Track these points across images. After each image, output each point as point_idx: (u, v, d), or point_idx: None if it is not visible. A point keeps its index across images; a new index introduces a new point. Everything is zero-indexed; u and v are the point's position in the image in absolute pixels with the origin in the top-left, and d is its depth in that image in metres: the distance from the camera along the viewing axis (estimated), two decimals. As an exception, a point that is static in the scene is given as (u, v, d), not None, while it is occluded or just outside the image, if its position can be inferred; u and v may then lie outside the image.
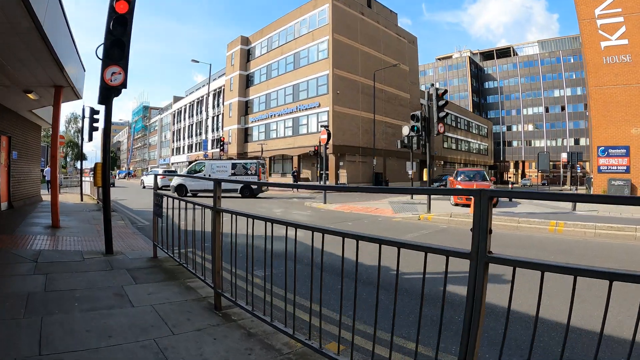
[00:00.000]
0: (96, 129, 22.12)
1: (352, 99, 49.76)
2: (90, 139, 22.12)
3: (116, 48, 8.04)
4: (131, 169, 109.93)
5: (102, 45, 8.04)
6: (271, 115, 56.08)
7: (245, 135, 61.84)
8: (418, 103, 63.87)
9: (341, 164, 48.03)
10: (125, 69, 8.09)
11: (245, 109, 62.36)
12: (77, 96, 13.79)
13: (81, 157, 26.10)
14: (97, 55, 8.13)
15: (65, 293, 5.70)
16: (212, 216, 5.45)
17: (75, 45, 11.61)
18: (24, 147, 18.71)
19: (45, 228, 11.88)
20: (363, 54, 52.08)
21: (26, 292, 5.63)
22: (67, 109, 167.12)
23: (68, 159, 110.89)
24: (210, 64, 48.29)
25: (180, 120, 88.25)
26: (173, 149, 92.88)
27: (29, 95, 13.10)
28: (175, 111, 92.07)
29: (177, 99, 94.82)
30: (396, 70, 54.50)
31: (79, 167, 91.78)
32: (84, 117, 22.77)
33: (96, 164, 11.80)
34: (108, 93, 8.16)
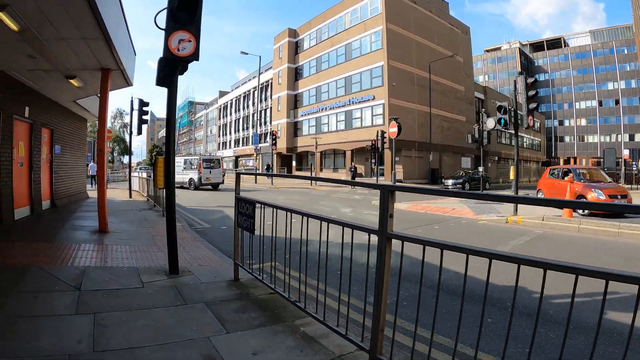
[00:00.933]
0: (145, 121, 20.54)
1: (408, 91, 47.24)
2: (140, 132, 20.55)
3: (185, 10, 6.08)
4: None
5: (166, 9, 6.12)
6: (322, 109, 54.17)
7: (294, 129, 60.12)
8: (473, 96, 60.99)
9: (397, 159, 45.49)
10: (196, 36, 6.13)
11: (295, 102, 60.63)
12: (126, 82, 11.98)
13: (130, 151, 24.55)
14: (156, 24, 6.21)
15: (125, 355, 3.74)
16: (380, 244, 3.57)
17: (125, 20, 9.75)
18: (68, 141, 17.18)
19: (91, 233, 10.25)
20: (417, 45, 49.44)
21: (63, 352, 3.69)
22: (113, 103, 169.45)
23: (115, 154, 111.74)
24: (260, 56, 46.83)
25: (226, 115, 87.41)
26: (219, 144, 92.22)
27: (72, 81, 11.38)
28: (221, 106, 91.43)
29: (222, 93, 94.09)
30: (450, 62, 51.64)
31: (125, 161, 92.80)
32: (132, 109, 21.23)
33: (157, 158, 9.30)
34: (173, 67, 6.28)
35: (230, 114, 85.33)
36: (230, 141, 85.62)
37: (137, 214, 14.57)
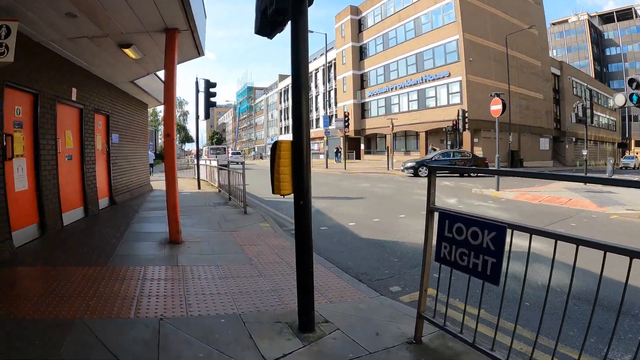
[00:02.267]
0: (213, 104, 18.29)
1: (485, 67, 43.12)
2: (207, 116, 18.31)
3: None
4: (238, 149, 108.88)
5: None
6: (392, 88, 50.73)
7: (362, 110, 57.00)
8: (549, 71, 56.11)
9: (476, 140, 42.03)
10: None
11: (361, 82, 57.42)
12: (197, 49, 9.55)
13: (197, 136, 22.20)
14: None
15: None
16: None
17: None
18: (127, 129, 15.08)
19: (160, 246, 7.94)
20: (491, 17, 44.99)
21: None
22: None
23: (176, 142, 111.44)
24: (326, 34, 43.56)
25: (287, 99, 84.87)
26: (281, 128, 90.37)
27: (127, 51, 9.05)
28: (281, 90, 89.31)
29: (282, 77, 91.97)
30: (525, 35, 46.69)
31: (186, 149, 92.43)
32: (197, 91, 18.95)
33: (280, 143, 4.08)
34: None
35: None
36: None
37: (213, 211, 12.31)
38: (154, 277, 5.93)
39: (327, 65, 66.17)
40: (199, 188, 19.23)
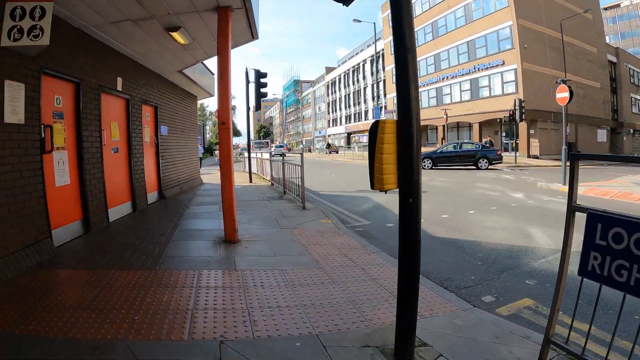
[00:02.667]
0: (264, 95, 17.59)
1: (540, 54, 40.71)
2: (258, 107, 17.60)
3: None
4: (285, 142, 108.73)
5: None
6: (443, 78, 48.87)
7: None
8: (605, 59, 52.98)
9: (532, 132, 40.04)
10: None
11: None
12: (250, 32, 8.77)
13: (247, 128, 21.53)
14: None
15: None
16: None
17: None
18: (176, 120, 14.51)
19: (214, 246, 7.15)
20: (545, 1, 42.56)
21: None
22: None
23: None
24: (374, 22, 42.37)
25: (334, 91, 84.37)
26: (329, 121, 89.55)
27: (175, 35, 8.35)
28: (328, 82, 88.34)
29: (329, 69, 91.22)
30: (580, 20, 43.59)
31: (234, 143, 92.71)
32: (247, 82, 18.29)
33: (381, 123, 2.87)
34: None
35: (339, 89, 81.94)
36: (340, 117, 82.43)
37: (268, 206, 11.53)
38: (210, 285, 5.13)
39: (376, 55, 65.16)
40: (251, 181, 18.58)
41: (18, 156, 5.83)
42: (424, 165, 26.68)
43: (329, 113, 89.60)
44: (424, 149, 38.91)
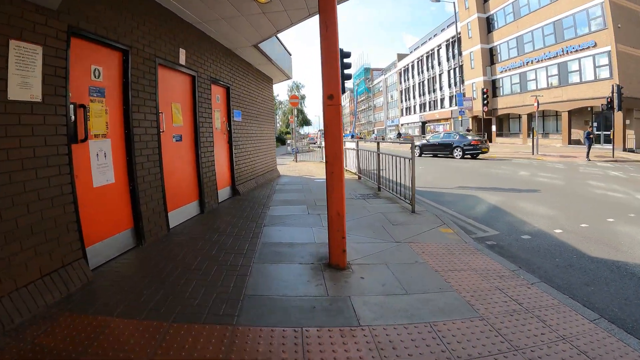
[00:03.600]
0: (348, 76, 15.35)
1: (635, 35, 36.04)
2: (343, 90, 15.41)
3: None
4: (357, 131, 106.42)
5: None
6: (527, 62, 44.43)
7: (492, 88, 50.42)
8: None
9: (627, 122, 35.81)
10: None
11: (490, 57, 51.17)
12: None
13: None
14: None
15: None
16: None
17: None
18: (252, 105, 12.61)
19: (315, 274, 4.89)
20: (639, -26, 37.78)
21: None
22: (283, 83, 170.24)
23: (295, 126, 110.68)
24: (455, 1, 39.24)
25: (407, 79, 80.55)
26: (402, 109, 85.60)
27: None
28: (400, 69, 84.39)
29: (401, 56, 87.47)
30: None
31: (303, 132, 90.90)
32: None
33: None
34: None
35: (413, 76, 77.70)
36: (414, 106, 78.37)
37: (367, 208, 9.15)
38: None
39: (447, 42, 61.59)
40: None
41: (31, 148, 3.94)
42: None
43: (401, 101, 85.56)
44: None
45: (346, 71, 15.42)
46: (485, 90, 34.73)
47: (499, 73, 49.15)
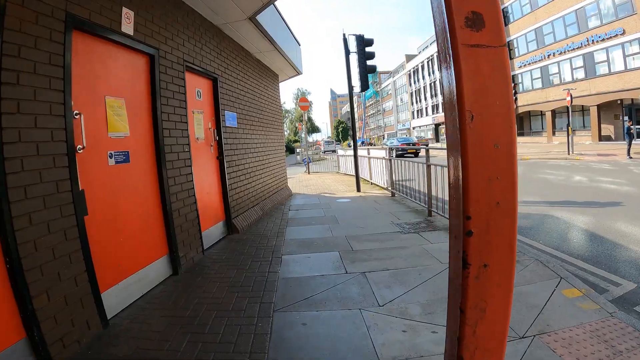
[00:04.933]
0: (372, 69, 12.29)
1: None
2: (366, 86, 12.31)
3: None
4: (366, 137, 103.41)
5: None
6: (548, 55, 41.04)
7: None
8: None
9: (660, 116, 32.58)
10: None
11: (508, 51, 47.38)
12: None
13: (353, 120, 15.35)
14: None
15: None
16: None
17: None
18: (252, 106, 9.56)
19: None
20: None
21: None
22: (292, 83, 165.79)
23: (304, 134, 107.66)
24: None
25: (417, 80, 76.93)
26: (413, 112, 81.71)
27: None
28: (410, 71, 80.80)
29: (409, 57, 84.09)
30: None
31: (312, 140, 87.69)
32: (347, 52, 12.81)
33: None
34: None
35: (423, 77, 74.00)
36: (426, 108, 74.54)
37: (428, 248, 6.02)
38: None
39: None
40: (359, 190, 12.99)
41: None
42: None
43: (412, 104, 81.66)
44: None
45: (369, 62, 12.34)
46: (513, 84, 31.32)
47: (517, 68, 45.81)
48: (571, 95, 28.92)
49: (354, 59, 12.65)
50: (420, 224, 7.64)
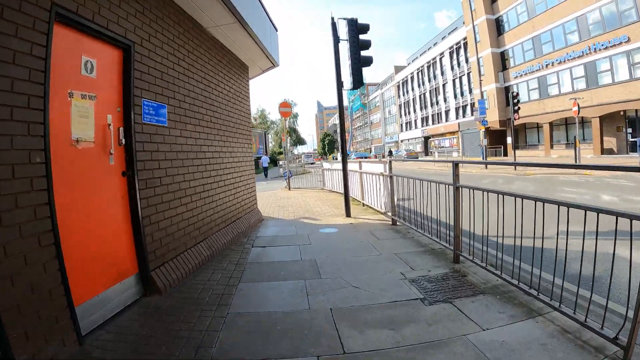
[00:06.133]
0: (367, 61, 9.71)
1: None
2: (360, 82, 9.67)
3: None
4: (352, 150, 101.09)
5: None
6: (546, 65, 38.97)
7: (506, 96, 43.95)
8: None
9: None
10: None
11: (502, 62, 45.72)
12: None
13: (342, 126, 11.81)
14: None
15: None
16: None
17: None
18: (200, 98, 6.73)
19: None
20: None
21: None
22: (277, 92, 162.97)
23: (287, 145, 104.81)
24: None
25: (406, 92, 74.74)
26: (402, 125, 79.17)
27: None
28: (398, 82, 78.61)
29: (398, 68, 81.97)
30: None
31: (298, 152, 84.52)
32: (337, 40, 10.04)
33: None
34: None
35: (413, 89, 71.76)
36: (415, 120, 72.09)
37: (487, 343, 3.39)
38: None
39: (450, 50, 56.31)
40: (348, 214, 10.14)
41: None
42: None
43: (401, 116, 79.38)
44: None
45: (364, 53, 9.74)
46: (515, 93, 29.00)
47: (513, 79, 43.71)
48: (578, 105, 26.62)
49: (344, 48, 10.06)
50: (447, 279, 4.96)
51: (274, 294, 4.83)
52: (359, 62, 9.51)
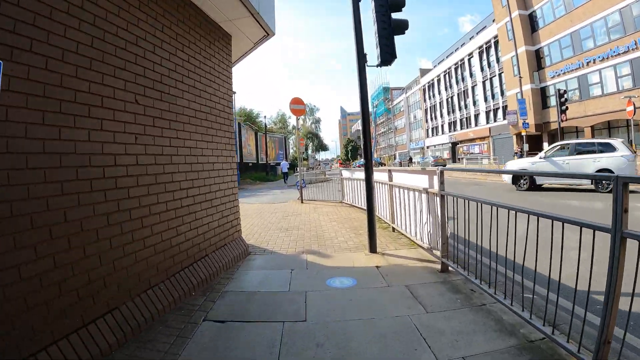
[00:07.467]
0: (402, 25, 6.72)
1: None
2: (392, 54, 6.63)
3: None
4: (377, 157, 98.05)
5: None
6: (587, 62, 35.45)
7: (542, 98, 41.43)
8: None
9: None
10: None
11: (537, 61, 42.10)
12: None
13: (364, 119, 8.48)
14: None
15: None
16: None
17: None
18: (125, 65, 3.70)
19: None
20: None
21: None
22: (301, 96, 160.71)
23: (309, 151, 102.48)
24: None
25: (432, 96, 71.63)
26: (428, 130, 75.96)
27: None
28: (424, 86, 75.40)
29: (424, 71, 78.71)
30: None
31: (319, 158, 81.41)
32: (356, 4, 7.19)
33: None
34: None
35: (439, 92, 68.66)
36: (442, 125, 68.95)
37: None
38: None
39: (480, 49, 52.95)
40: (373, 249, 6.89)
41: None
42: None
43: (427, 121, 76.10)
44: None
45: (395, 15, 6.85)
46: (562, 91, 25.73)
47: (549, 79, 40.15)
48: (634, 104, 23.23)
49: (366, 9, 7.26)
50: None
51: None
52: (391, 28, 6.54)
